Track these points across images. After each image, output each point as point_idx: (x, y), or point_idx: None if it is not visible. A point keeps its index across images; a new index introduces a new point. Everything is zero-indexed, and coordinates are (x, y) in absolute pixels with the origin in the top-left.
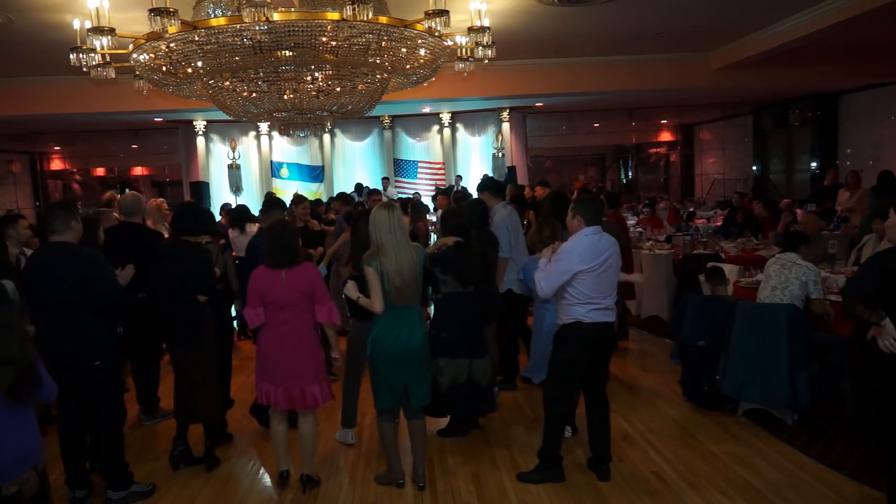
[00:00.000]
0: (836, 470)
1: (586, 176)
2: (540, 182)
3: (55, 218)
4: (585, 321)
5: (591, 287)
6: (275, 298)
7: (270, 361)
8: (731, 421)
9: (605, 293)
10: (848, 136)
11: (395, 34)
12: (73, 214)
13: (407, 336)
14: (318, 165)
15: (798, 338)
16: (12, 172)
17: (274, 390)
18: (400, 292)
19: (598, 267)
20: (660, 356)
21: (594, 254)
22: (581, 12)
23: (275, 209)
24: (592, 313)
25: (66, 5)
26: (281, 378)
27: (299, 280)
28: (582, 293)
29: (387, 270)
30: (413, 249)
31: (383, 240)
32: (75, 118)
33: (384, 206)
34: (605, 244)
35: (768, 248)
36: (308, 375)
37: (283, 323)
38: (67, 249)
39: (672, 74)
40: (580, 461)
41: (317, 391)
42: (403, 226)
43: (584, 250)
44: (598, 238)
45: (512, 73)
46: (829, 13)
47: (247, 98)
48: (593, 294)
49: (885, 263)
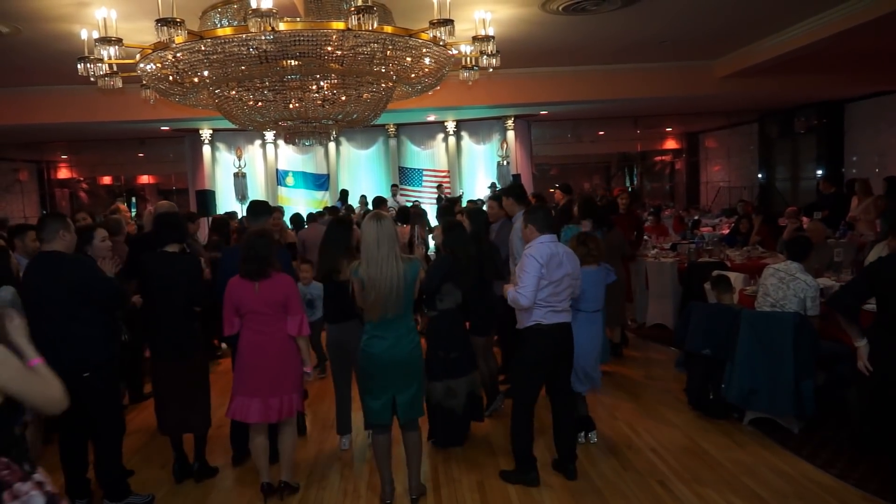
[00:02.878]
0: (843, 479)
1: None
2: (560, 187)
3: (43, 227)
4: (544, 323)
5: (549, 292)
6: (248, 309)
7: (250, 369)
8: (737, 430)
9: (561, 297)
10: (853, 143)
11: (400, 43)
12: (63, 225)
13: (392, 347)
14: (324, 174)
15: (803, 346)
16: (19, 181)
17: (248, 403)
18: (375, 305)
19: (556, 271)
20: (665, 364)
21: (551, 259)
22: (585, 21)
23: (262, 216)
24: (549, 315)
25: (74, 16)
26: (260, 387)
27: (272, 291)
28: (541, 297)
29: (368, 282)
30: (401, 263)
31: (366, 251)
32: (82, 127)
33: (373, 217)
34: (560, 251)
35: (774, 257)
36: (287, 384)
37: (259, 331)
38: (57, 257)
39: (677, 82)
40: (584, 468)
41: (296, 399)
42: (393, 238)
43: (543, 255)
44: (555, 246)
45: (516, 81)
46: (833, 22)
47: (252, 107)
48: (550, 298)
49: (881, 272)
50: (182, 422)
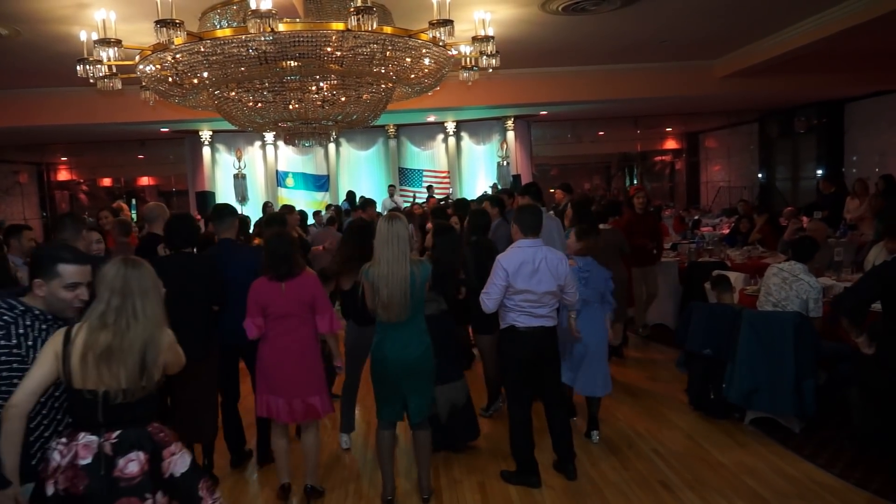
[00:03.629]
0: (844, 479)
1: (591, 184)
2: (560, 186)
3: (65, 227)
4: (518, 326)
5: (521, 297)
6: (275, 310)
7: (273, 372)
8: (738, 429)
9: (540, 304)
10: (854, 143)
11: (400, 44)
12: (84, 225)
13: (402, 348)
14: (324, 174)
15: (804, 346)
16: (19, 183)
17: (275, 401)
18: (386, 308)
19: (526, 278)
20: (666, 364)
21: (522, 266)
22: (585, 21)
23: (228, 218)
24: (523, 318)
25: (74, 17)
26: (283, 389)
27: (299, 290)
28: (513, 302)
29: (376, 283)
30: (410, 265)
31: (378, 251)
32: (82, 129)
33: (386, 218)
34: (540, 256)
35: (774, 256)
36: (310, 386)
37: (284, 333)
38: None
39: (677, 82)
40: (585, 469)
41: (317, 402)
42: (404, 239)
43: (511, 263)
44: (535, 251)
45: (516, 81)
46: (833, 22)
47: (252, 108)
48: (524, 303)
49: (887, 275)
50: (196, 430)
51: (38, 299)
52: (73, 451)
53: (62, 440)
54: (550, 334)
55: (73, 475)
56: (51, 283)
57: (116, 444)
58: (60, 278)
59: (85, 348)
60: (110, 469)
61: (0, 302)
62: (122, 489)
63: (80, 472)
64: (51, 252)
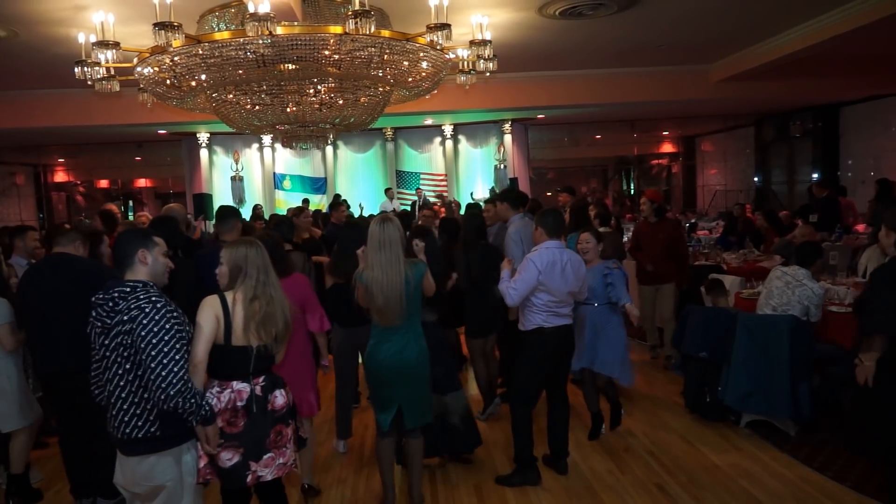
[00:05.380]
0: (839, 482)
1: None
2: (563, 189)
3: (64, 234)
4: (546, 327)
5: (550, 297)
6: None
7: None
8: (734, 432)
9: (563, 303)
10: (849, 147)
11: (398, 47)
12: (82, 237)
13: (398, 353)
14: (321, 177)
15: (800, 349)
16: (16, 184)
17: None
18: (381, 312)
19: (556, 279)
20: (662, 367)
21: (553, 266)
22: (582, 25)
23: (230, 219)
24: (551, 318)
25: (71, 19)
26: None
27: (290, 291)
28: (542, 302)
29: (371, 287)
30: (405, 267)
31: (371, 255)
32: (79, 131)
33: (378, 221)
34: (566, 258)
35: (770, 259)
36: (304, 384)
37: None
38: (69, 259)
39: (673, 86)
40: (581, 471)
41: (312, 399)
42: (397, 242)
43: (543, 262)
44: (561, 252)
45: (513, 85)
46: (828, 26)
47: (250, 111)
48: (551, 303)
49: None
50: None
51: (141, 273)
52: (230, 397)
53: (214, 388)
54: (571, 332)
55: (230, 416)
56: (153, 252)
57: (263, 386)
58: (159, 247)
59: (247, 316)
60: (264, 405)
61: (143, 289)
62: (275, 419)
63: (239, 410)
64: (141, 230)
